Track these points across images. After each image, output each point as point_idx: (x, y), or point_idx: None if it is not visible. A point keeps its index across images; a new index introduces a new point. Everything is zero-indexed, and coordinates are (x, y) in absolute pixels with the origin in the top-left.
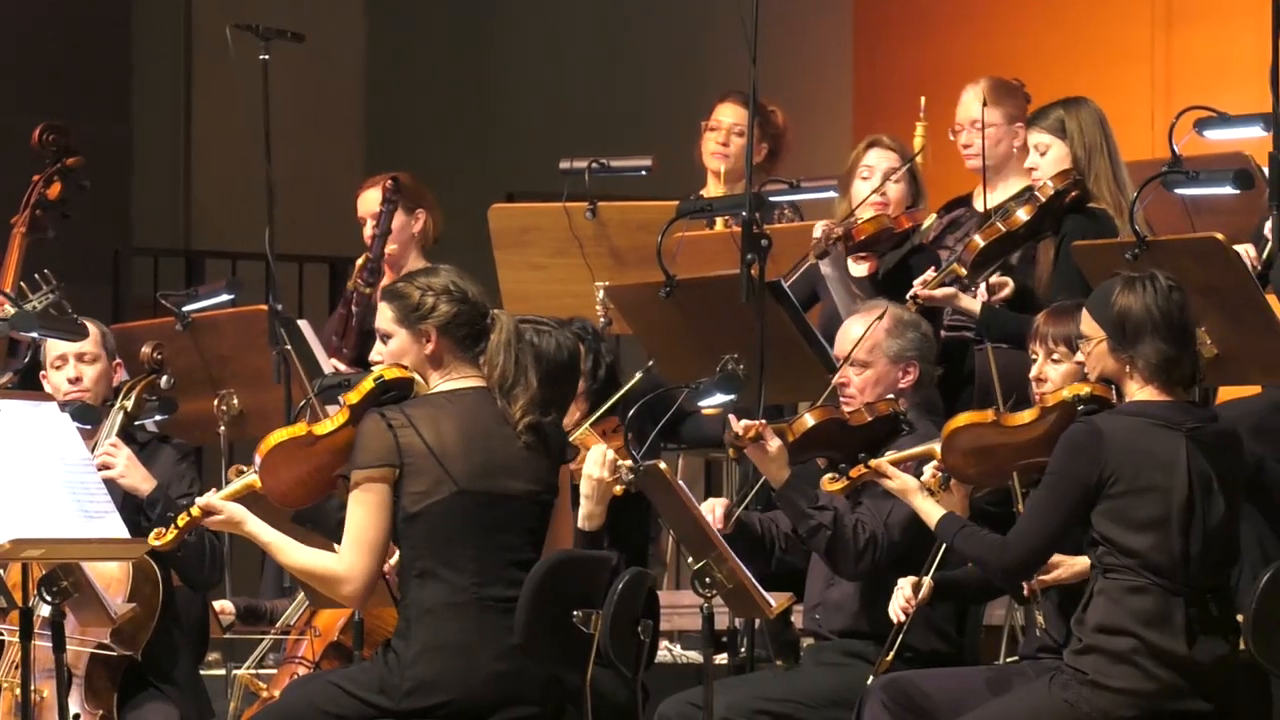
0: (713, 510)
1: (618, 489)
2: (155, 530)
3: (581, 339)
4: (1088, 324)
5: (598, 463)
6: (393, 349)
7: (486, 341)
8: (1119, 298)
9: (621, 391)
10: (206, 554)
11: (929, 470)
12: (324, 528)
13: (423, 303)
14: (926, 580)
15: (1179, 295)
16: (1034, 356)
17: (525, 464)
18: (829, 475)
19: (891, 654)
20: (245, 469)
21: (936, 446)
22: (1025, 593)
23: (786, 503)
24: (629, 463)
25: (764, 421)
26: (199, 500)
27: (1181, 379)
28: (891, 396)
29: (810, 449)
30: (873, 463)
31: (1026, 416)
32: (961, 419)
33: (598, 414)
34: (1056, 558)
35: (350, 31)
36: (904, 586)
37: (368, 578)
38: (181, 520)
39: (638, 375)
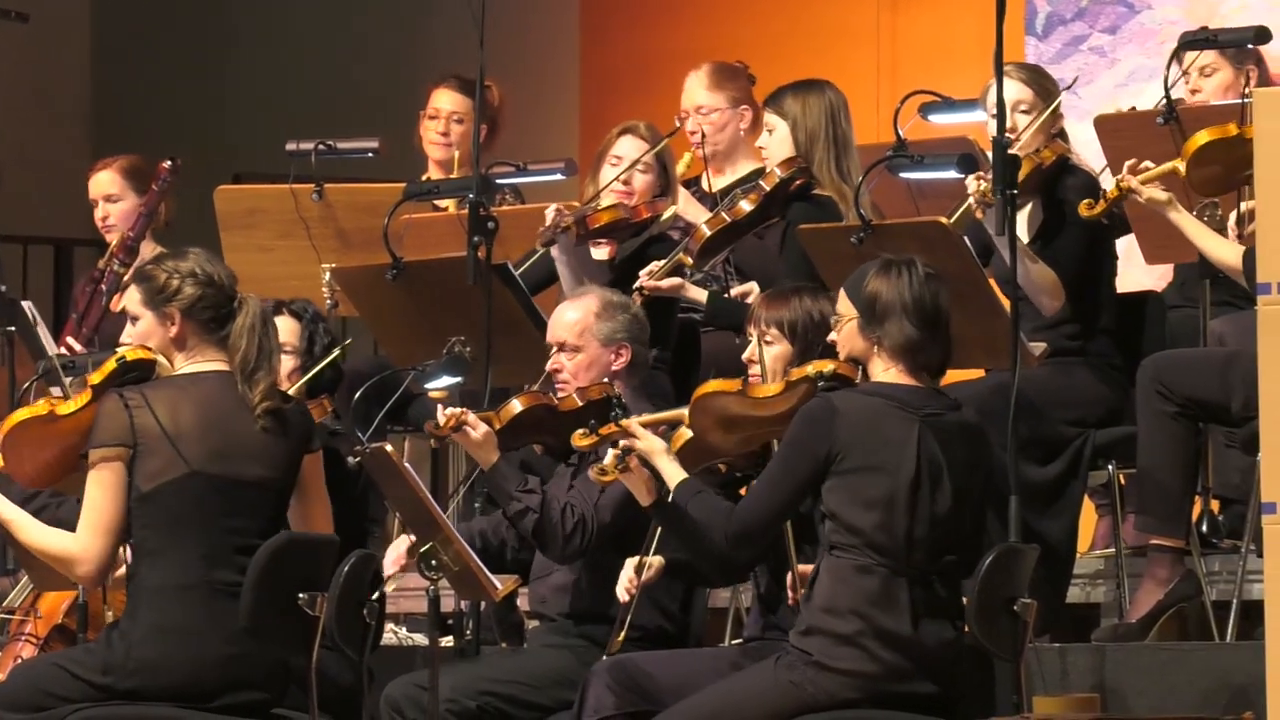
0: (397, 547)
1: None
2: None
3: (299, 317)
4: (842, 303)
5: None
6: (139, 330)
7: (232, 325)
8: (873, 279)
9: (319, 365)
10: None
11: (610, 455)
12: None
13: (168, 285)
14: (653, 560)
15: (935, 284)
16: (748, 339)
17: (263, 450)
18: (580, 431)
19: (622, 634)
20: None
21: (685, 411)
22: (790, 601)
23: (494, 486)
24: None
25: (465, 410)
26: None
27: (928, 364)
28: (605, 380)
29: (522, 435)
30: (623, 421)
31: (772, 390)
32: (711, 385)
33: (302, 381)
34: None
35: (75, 11)
36: (628, 567)
37: (103, 559)
38: None
39: (335, 351)
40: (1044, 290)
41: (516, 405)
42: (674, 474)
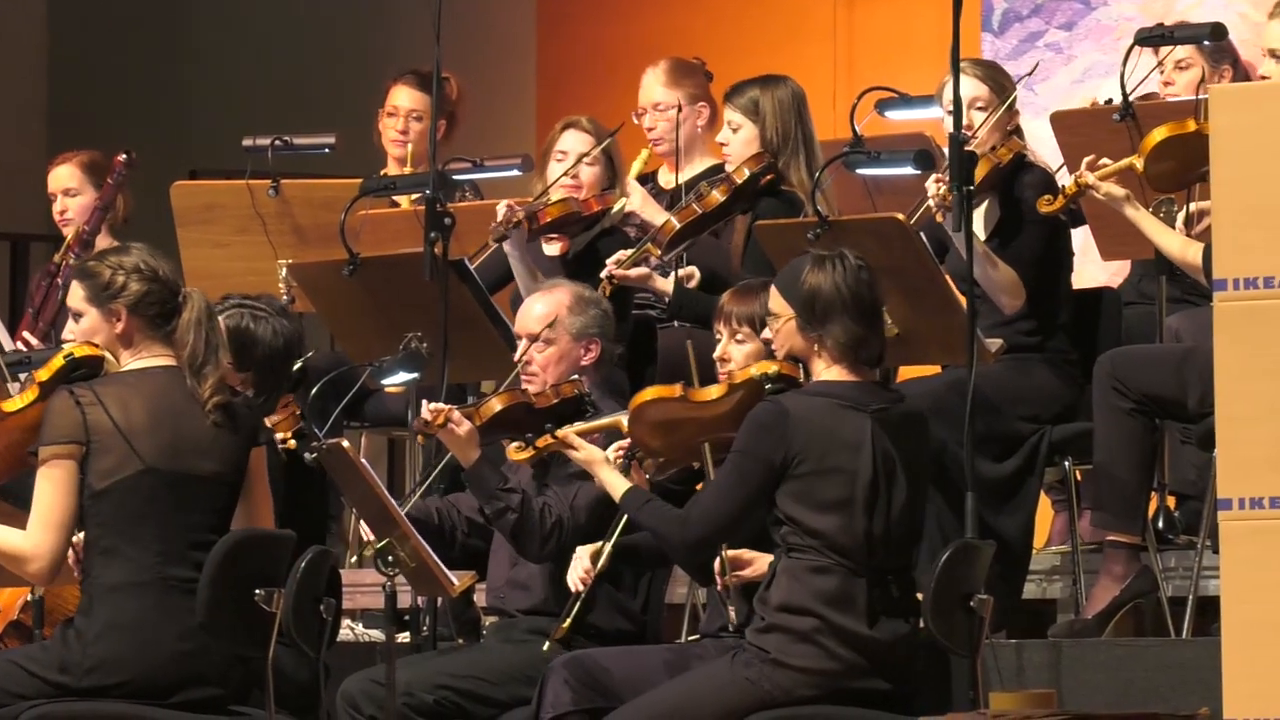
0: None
1: None
2: None
3: None
4: (776, 302)
5: None
6: (84, 327)
7: (178, 320)
8: (809, 276)
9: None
10: None
11: (611, 451)
12: (23, 502)
13: (113, 281)
14: (607, 548)
15: (867, 274)
16: (718, 336)
17: (214, 444)
18: (515, 445)
19: (568, 622)
20: None
21: (624, 418)
22: (719, 587)
23: (476, 483)
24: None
25: (452, 406)
26: None
27: (869, 358)
28: (576, 377)
29: (497, 430)
30: (559, 433)
31: (713, 392)
32: (649, 393)
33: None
34: (750, 554)
35: (31, 6)
36: (582, 556)
37: (54, 556)
38: None
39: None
40: (1004, 290)
41: (496, 404)
42: (618, 484)
